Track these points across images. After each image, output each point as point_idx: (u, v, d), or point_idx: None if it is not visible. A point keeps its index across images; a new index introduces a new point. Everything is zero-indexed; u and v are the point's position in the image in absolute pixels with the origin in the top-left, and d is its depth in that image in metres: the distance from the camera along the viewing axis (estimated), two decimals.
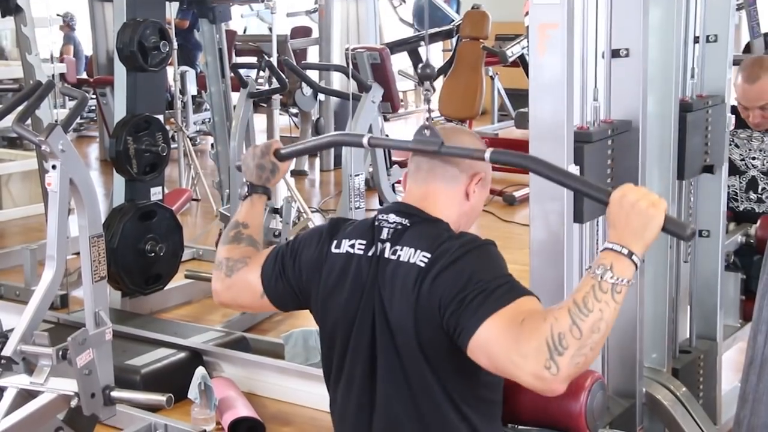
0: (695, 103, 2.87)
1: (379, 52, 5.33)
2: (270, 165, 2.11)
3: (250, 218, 2.12)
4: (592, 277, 1.59)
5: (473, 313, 1.66)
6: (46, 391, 2.61)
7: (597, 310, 1.57)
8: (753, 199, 3.69)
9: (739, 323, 3.54)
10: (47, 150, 2.61)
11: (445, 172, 1.87)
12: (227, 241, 2.10)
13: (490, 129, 8.63)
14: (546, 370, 1.56)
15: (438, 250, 1.75)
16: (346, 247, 1.86)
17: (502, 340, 1.61)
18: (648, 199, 1.61)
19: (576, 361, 1.56)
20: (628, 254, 1.60)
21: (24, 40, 4.88)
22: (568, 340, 1.56)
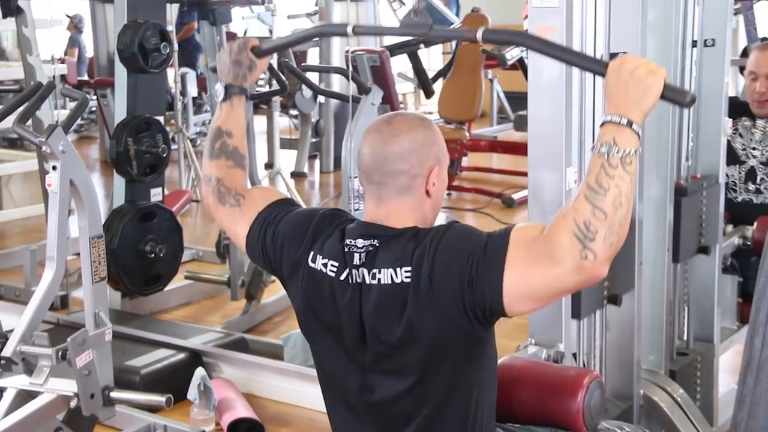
0: (690, 187, 2.89)
1: (379, 54, 5.35)
2: (247, 61, 2.03)
3: (233, 124, 2.04)
4: (599, 157, 1.59)
5: (487, 281, 1.66)
6: (45, 391, 2.61)
7: (614, 187, 1.57)
8: (751, 189, 3.70)
9: (736, 326, 3.55)
10: (48, 151, 2.61)
11: (396, 183, 1.79)
12: (214, 154, 2.02)
13: (489, 131, 8.64)
14: (584, 261, 1.58)
15: (415, 259, 1.72)
16: (320, 264, 1.81)
17: (531, 270, 1.63)
18: (647, 66, 1.59)
19: (610, 241, 1.58)
20: (628, 124, 1.58)
21: (25, 41, 4.89)
22: (595, 224, 1.57)
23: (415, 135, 1.78)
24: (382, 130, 1.80)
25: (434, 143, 1.81)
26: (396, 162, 1.77)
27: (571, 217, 1.58)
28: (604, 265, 1.60)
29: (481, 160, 7.78)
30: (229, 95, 2.04)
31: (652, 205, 2.74)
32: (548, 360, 2.34)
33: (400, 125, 1.79)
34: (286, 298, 4.94)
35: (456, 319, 1.70)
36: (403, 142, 1.78)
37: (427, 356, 1.74)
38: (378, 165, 1.79)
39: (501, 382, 2.01)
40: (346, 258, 1.78)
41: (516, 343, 2.44)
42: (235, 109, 2.04)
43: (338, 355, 1.84)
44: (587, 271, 1.59)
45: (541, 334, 2.37)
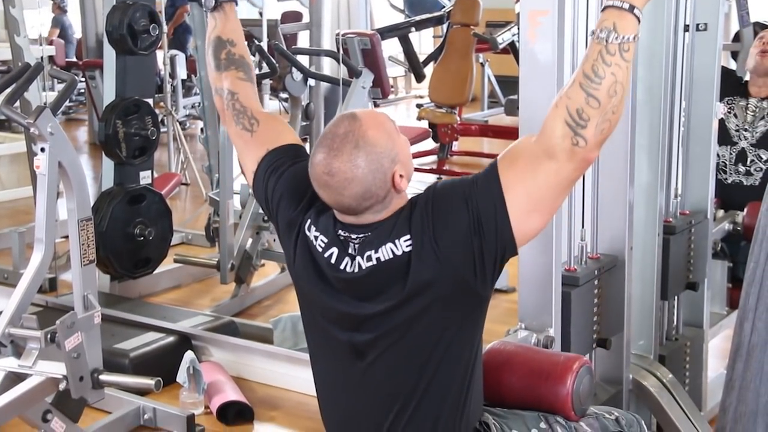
0: (678, 225, 2.90)
1: (370, 37, 5.33)
2: None
3: (232, 32, 2.04)
4: (598, 42, 1.60)
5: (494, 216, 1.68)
6: (34, 374, 2.61)
7: (609, 74, 1.59)
8: (741, 171, 3.72)
9: (726, 311, 3.56)
10: (36, 132, 2.60)
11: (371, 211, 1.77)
12: (222, 65, 2.02)
13: (480, 116, 8.62)
14: (575, 147, 1.61)
15: (413, 225, 1.74)
16: (312, 235, 1.82)
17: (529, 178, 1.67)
18: None
19: (601, 128, 1.61)
20: (629, 8, 1.60)
21: (12, 22, 4.84)
22: (587, 111, 1.60)
23: (361, 173, 1.72)
24: (329, 185, 1.74)
25: (381, 156, 1.73)
26: (361, 203, 1.75)
27: (564, 106, 1.61)
28: (594, 150, 1.64)
29: (472, 145, 7.77)
30: (219, 3, 2.02)
31: (640, 243, 2.75)
32: (538, 345, 2.34)
33: (340, 174, 1.72)
34: (275, 282, 4.96)
35: (461, 270, 1.71)
36: (355, 188, 1.73)
37: (425, 316, 1.74)
38: (346, 210, 1.77)
39: (491, 366, 2.01)
40: (343, 244, 1.79)
41: (506, 327, 2.44)
42: (229, 18, 2.03)
43: (325, 323, 1.85)
44: (579, 156, 1.63)
45: (531, 319, 2.37)
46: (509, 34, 7.21)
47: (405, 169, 1.78)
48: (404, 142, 1.81)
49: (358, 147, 1.72)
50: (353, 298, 1.79)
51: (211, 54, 2.04)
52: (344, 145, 1.72)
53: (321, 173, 1.74)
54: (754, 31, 6.12)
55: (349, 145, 1.72)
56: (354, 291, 1.79)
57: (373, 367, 1.81)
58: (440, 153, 7.13)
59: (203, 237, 4.86)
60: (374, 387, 1.83)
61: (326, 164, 1.73)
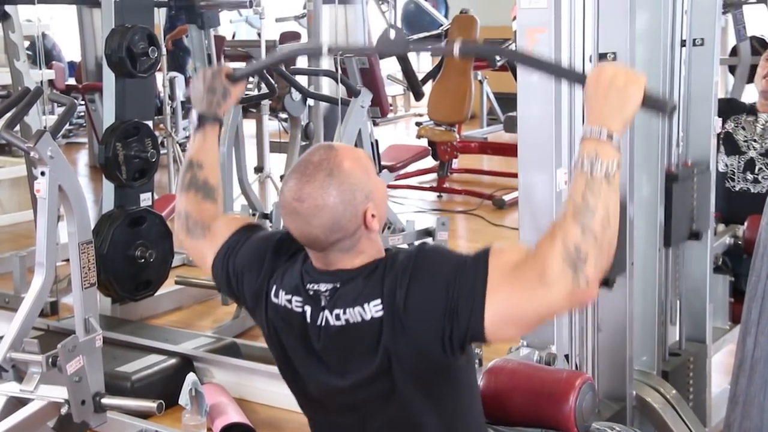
0: (681, 173, 2.89)
1: (368, 57, 5.34)
2: (221, 88, 1.98)
3: (204, 155, 1.99)
4: (582, 173, 1.54)
5: (469, 311, 1.60)
6: (36, 398, 2.61)
7: (601, 206, 1.52)
8: (749, 179, 3.79)
9: (729, 325, 3.56)
10: (36, 156, 2.61)
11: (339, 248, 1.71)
12: (184, 187, 1.98)
13: (479, 133, 8.64)
14: (577, 287, 1.53)
15: (386, 289, 1.66)
16: (283, 300, 1.77)
17: (517, 296, 1.57)
18: (626, 75, 1.56)
19: (600, 263, 1.53)
20: (608, 137, 1.54)
21: (12, 47, 4.87)
22: (585, 247, 1.52)
23: (332, 202, 1.67)
24: (297, 212, 1.68)
25: (354, 189, 1.69)
26: (328, 236, 1.69)
27: (560, 241, 1.53)
28: (595, 289, 1.56)
29: (472, 162, 7.79)
30: (202, 124, 2.00)
31: (643, 192, 2.72)
32: (540, 362, 2.33)
33: (311, 200, 1.67)
34: None
35: (431, 349, 1.65)
36: (324, 218, 1.67)
37: (402, 385, 1.70)
38: (313, 243, 1.72)
39: (493, 384, 2.01)
40: (314, 300, 1.73)
41: (508, 345, 2.44)
42: (207, 139, 2.00)
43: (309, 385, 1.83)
44: (580, 297, 1.55)
45: (534, 336, 2.37)
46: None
47: (378, 209, 1.72)
48: (380, 182, 1.75)
49: (332, 175, 1.67)
50: (329, 365, 1.75)
51: (180, 175, 2.02)
52: (317, 172, 1.68)
53: (291, 199, 1.68)
54: (750, 45, 6.15)
55: (323, 173, 1.67)
56: (328, 355, 1.74)
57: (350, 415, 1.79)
58: (440, 171, 7.15)
59: None
60: None
61: (297, 190, 1.68)
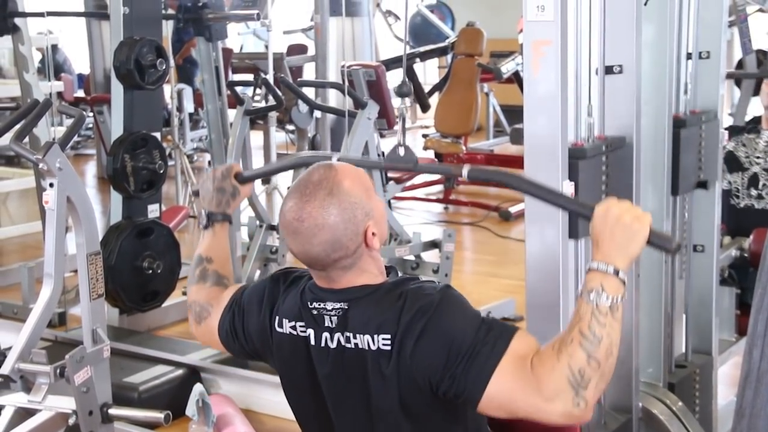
0: (689, 120, 2.89)
1: (375, 69, 5.36)
2: (231, 188, 2.04)
3: (214, 250, 2.03)
4: (588, 304, 1.59)
5: (475, 377, 1.63)
6: (43, 409, 2.62)
7: (606, 336, 1.58)
8: (753, 195, 3.80)
9: (735, 337, 3.56)
10: (45, 168, 2.62)
11: (340, 266, 1.73)
12: (194, 281, 2.03)
13: (486, 145, 8.66)
14: (575, 408, 1.59)
15: (400, 328, 1.67)
16: (288, 327, 1.78)
17: (518, 392, 1.61)
18: (632, 213, 1.61)
19: (600, 388, 1.60)
20: (614, 272, 1.59)
21: (21, 59, 4.90)
22: (588, 372, 1.58)
23: (332, 221, 1.68)
24: (298, 232, 1.70)
25: (354, 207, 1.70)
26: (329, 255, 1.70)
27: (566, 362, 1.58)
28: (590, 411, 1.61)
29: None
30: (211, 222, 2.04)
31: (650, 138, 2.71)
32: None
33: (311, 220, 1.68)
34: None
35: (425, 393, 1.68)
36: (325, 236, 1.69)
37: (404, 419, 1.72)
38: (314, 262, 1.73)
39: None
40: (316, 320, 1.74)
41: None
42: (217, 237, 2.04)
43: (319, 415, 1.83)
44: (576, 419, 1.61)
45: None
46: (513, 64, 7.25)
47: (378, 227, 1.73)
48: (379, 202, 1.77)
49: (332, 194, 1.69)
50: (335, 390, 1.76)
51: (190, 270, 2.05)
52: (317, 191, 1.69)
53: (291, 219, 1.70)
54: (756, 58, 6.15)
55: (323, 192, 1.69)
56: (335, 380, 1.74)
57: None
58: (447, 183, 7.15)
59: None
60: None
61: (297, 209, 1.69)
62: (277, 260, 4.40)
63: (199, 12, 4.92)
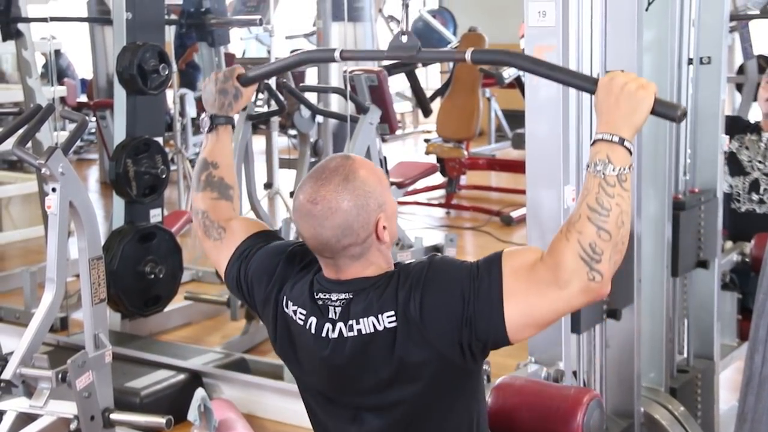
0: (688, 201, 2.90)
1: (377, 74, 5.37)
2: (233, 90, 2.01)
3: (218, 155, 2.02)
4: (595, 176, 1.59)
5: (489, 312, 1.64)
6: (45, 414, 2.62)
7: (615, 206, 1.58)
8: (755, 200, 3.79)
9: (736, 342, 3.55)
10: (47, 173, 2.63)
11: (349, 254, 1.73)
12: (201, 186, 2.01)
13: (488, 150, 8.65)
14: (592, 282, 1.59)
15: (400, 301, 1.68)
16: (290, 310, 1.78)
17: (534, 296, 1.62)
18: (637, 81, 1.60)
19: (614, 260, 1.60)
20: (619, 141, 1.59)
21: (24, 64, 4.91)
22: (600, 245, 1.58)
23: (345, 205, 1.70)
24: (311, 214, 1.71)
25: (368, 195, 1.72)
26: (340, 240, 1.71)
27: (575, 240, 1.58)
28: (608, 284, 1.61)
29: (480, 179, 7.80)
30: (215, 125, 2.02)
31: (650, 220, 2.74)
32: (548, 378, 2.33)
33: (325, 203, 1.70)
34: None
35: (448, 355, 1.67)
36: (337, 220, 1.70)
37: (418, 394, 1.71)
38: (323, 247, 1.73)
39: (500, 400, 2.01)
40: (321, 310, 1.75)
41: (516, 361, 2.44)
42: (220, 140, 2.03)
43: (318, 393, 1.82)
44: (594, 292, 1.60)
45: (541, 353, 2.37)
46: (515, 69, 7.25)
47: (389, 223, 1.74)
48: (393, 200, 1.78)
49: (347, 180, 1.71)
50: (337, 375, 1.75)
51: (194, 174, 2.04)
52: (333, 176, 1.72)
53: (305, 201, 1.72)
54: (758, 63, 6.16)
55: (339, 177, 1.71)
56: (337, 366, 1.74)
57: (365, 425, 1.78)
58: (448, 187, 7.16)
59: (213, 274, 4.86)
60: None
61: (312, 192, 1.71)
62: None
63: (202, 17, 4.93)
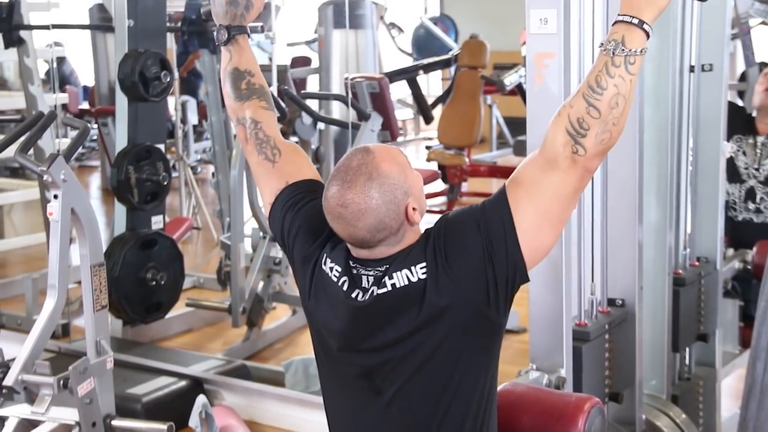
0: (688, 277, 2.91)
1: (378, 81, 5.37)
2: (244, 0, 1.98)
3: (248, 63, 2.01)
4: (605, 54, 1.63)
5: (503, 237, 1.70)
6: (47, 420, 2.61)
7: (612, 86, 1.62)
8: (751, 209, 3.77)
9: (738, 350, 3.55)
10: (49, 180, 2.63)
11: (385, 243, 1.77)
12: (244, 95, 2.00)
13: (489, 157, 8.66)
14: (575, 155, 1.64)
15: (428, 254, 1.75)
16: (328, 267, 1.82)
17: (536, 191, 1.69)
18: None
19: (601, 138, 1.64)
20: (639, 23, 1.62)
21: (26, 71, 4.92)
22: (587, 121, 1.63)
23: (375, 203, 1.73)
24: (342, 217, 1.75)
25: (394, 189, 1.75)
26: (375, 235, 1.75)
27: (566, 114, 1.65)
28: (594, 160, 1.67)
29: (481, 186, 7.79)
30: (233, 36, 2.00)
31: (650, 294, 2.76)
32: (549, 385, 2.33)
33: (354, 205, 1.73)
34: (287, 325, 4.96)
35: (475, 297, 1.72)
36: (369, 220, 1.73)
37: (440, 344, 1.74)
38: (360, 242, 1.77)
39: (502, 407, 2.01)
40: (354, 279, 1.79)
41: (517, 368, 2.44)
42: (244, 49, 2.01)
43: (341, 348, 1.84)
44: (580, 164, 1.66)
45: (543, 360, 2.37)
46: (516, 76, 7.27)
47: (418, 202, 1.79)
48: (417, 176, 1.82)
49: (372, 179, 1.74)
50: (368, 326, 1.78)
51: (230, 85, 2.02)
52: (357, 177, 1.74)
53: (335, 205, 1.75)
54: (760, 70, 6.15)
55: (363, 177, 1.74)
56: (368, 318, 1.78)
57: (390, 405, 1.80)
58: (450, 194, 7.16)
59: (215, 281, 4.87)
60: (391, 425, 1.81)
61: (340, 196, 1.74)
62: (280, 271, 4.41)
63: (204, 24, 4.93)
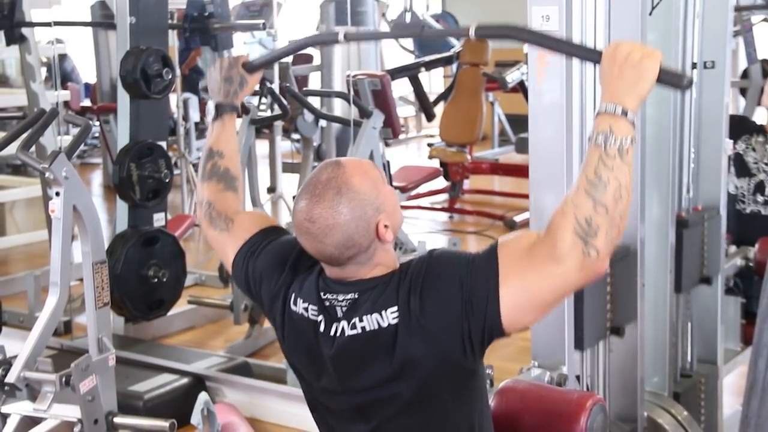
0: (691, 219, 2.90)
1: (380, 78, 5.38)
2: (238, 77, 2.01)
3: (224, 144, 2.02)
4: (596, 148, 1.56)
5: (485, 303, 1.62)
6: (49, 417, 2.62)
7: (613, 179, 1.54)
8: (760, 201, 3.80)
9: (740, 347, 3.55)
10: (51, 177, 2.63)
11: (355, 262, 1.72)
12: (206, 176, 2.01)
13: (491, 154, 8.66)
14: (587, 258, 1.55)
15: (400, 296, 1.68)
16: (301, 308, 1.78)
17: (529, 274, 1.60)
18: (642, 50, 1.56)
19: (611, 236, 1.56)
20: (623, 113, 1.55)
21: (28, 69, 4.93)
22: (596, 220, 1.54)
23: (343, 218, 1.68)
24: (310, 231, 1.70)
25: (364, 204, 1.70)
26: (343, 252, 1.70)
27: (572, 214, 1.56)
28: (605, 260, 1.59)
29: (483, 183, 7.80)
30: (220, 114, 2.02)
31: (653, 237, 2.74)
32: (551, 383, 2.33)
33: (321, 221, 1.68)
34: None
35: (450, 350, 1.66)
36: (336, 236, 1.68)
37: (418, 391, 1.71)
38: (328, 259, 1.73)
39: (503, 404, 2.01)
40: (328, 311, 1.74)
41: (519, 365, 2.44)
42: (226, 128, 2.03)
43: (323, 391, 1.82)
44: (590, 268, 1.57)
45: (545, 357, 2.37)
46: (518, 74, 7.26)
47: (390, 219, 1.73)
48: (390, 192, 1.76)
49: (341, 193, 1.69)
50: (344, 369, 1.74)
51: (201, 163, 2.04)
52: (326, 191, 1.69)
53: (302, 220, 1.71)
54: (762, 68, 6.16)
55: (332, 192, 1.69)
56: (343, 363, 1.74)
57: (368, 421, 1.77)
58: (452, 191, 7.16)
59: (217, 278, 4.87)
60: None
61: (308, 210, 1.70)
62: None
63: (205, 22, 4.94)
